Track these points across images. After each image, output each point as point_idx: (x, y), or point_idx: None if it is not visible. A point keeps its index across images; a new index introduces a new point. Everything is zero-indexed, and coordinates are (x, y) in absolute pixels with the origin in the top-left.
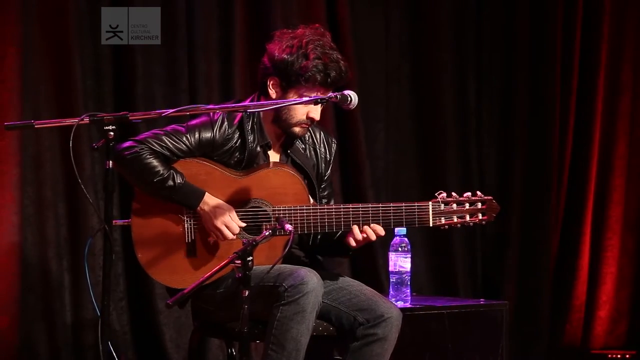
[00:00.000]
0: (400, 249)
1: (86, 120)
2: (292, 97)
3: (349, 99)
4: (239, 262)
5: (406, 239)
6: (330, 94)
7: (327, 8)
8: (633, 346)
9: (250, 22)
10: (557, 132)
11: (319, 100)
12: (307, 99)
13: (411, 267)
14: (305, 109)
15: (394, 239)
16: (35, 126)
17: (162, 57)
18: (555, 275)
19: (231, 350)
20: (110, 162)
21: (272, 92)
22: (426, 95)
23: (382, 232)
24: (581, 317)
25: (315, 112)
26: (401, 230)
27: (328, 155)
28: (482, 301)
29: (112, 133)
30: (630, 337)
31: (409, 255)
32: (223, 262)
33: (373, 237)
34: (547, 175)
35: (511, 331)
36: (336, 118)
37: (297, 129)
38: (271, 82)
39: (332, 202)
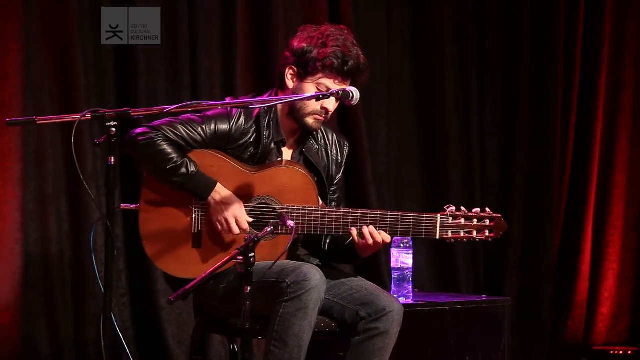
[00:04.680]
0: (402, 245)
1: (88, 116)
2: (309, 86)
3: (351, 95)
4: (241, 258)
5: None
6: (333, 89)
7: (329, 4)
8: (635, 343)
9: (252, 18)
10: (559, 128)
11: (320, 96)
12: (309, 94)
13: (413, 263)
14: (320, 100)
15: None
16: (37, 122)
17: (164, 54)
18: (557, 271)
19: (233, 346)
20: (112, 158)
21: (290, 83)
22: (428, 92)
23: (388, 239)
24: (583, 314)
25: (330, 102)
26: None
27: (340, 157)
28: (484, 297)
29: (114, 129)
30: (632, 333)
31: (411, 252)
32: (225, 257)
33: (379, 240)
34: (549, 171)
35: (513, 327)
36: (338, 114)
37: (310, 120)
38: (289, 72)
39: (341, 206)
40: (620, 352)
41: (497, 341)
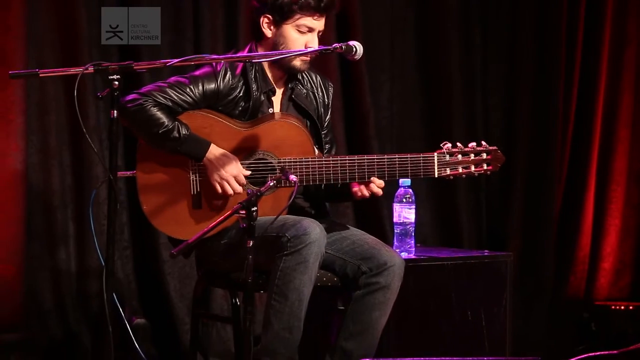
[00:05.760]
0: (404, 200)
1: (91, 69)
2: (289, 29)
3: (354, 49)
4: (244, 212)
5: (411, 190)
6: (335, 44)
7: None
8: (636, 298)
9: None
10: (563, 83)
11: (323, 50)
12: (312, 49)
13: (415, 219)
14: (303, 40)
15: (399, 190)
16: (40, 75)
17: (167, 7)
18: (559, 226)
19: (235, 300)
20: (115, 111)
21: (267, 31)
22: (431, 46)
23: (381, 185)
24: (585, 269)
25: (313, 41)
26: (406, 181)
27: (326, 99)
28: (486, 252)
29: (116, 82)
30: (634, 288)
31: (414, 207)
32: (228, 212)
33: (376, 190)
34: (551, 126)
35: (515, 282)
36: (341, 69)
37: (298, 62)
38: (264, 21)
39: (334, 147)
40: (622, 308)
41: (498, 296)
